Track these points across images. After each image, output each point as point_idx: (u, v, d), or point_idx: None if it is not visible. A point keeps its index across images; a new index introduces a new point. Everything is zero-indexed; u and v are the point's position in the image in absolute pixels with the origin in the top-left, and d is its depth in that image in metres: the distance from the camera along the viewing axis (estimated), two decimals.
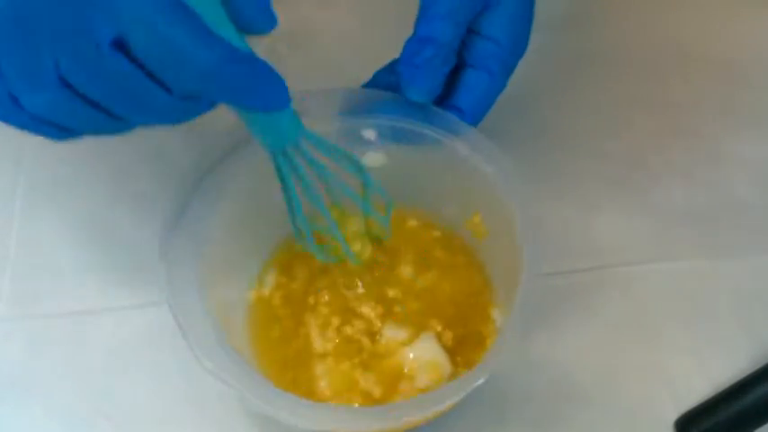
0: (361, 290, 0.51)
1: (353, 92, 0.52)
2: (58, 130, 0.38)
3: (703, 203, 0.58)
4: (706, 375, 0.51)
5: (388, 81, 0.52)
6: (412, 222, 0.54)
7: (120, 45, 0.33)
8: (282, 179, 0.45)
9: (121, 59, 0.33)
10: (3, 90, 0.35)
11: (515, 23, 0.51)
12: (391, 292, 0.51)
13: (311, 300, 0.51)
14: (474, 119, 0.51)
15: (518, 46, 0.52)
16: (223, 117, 0.43)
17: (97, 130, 0.38)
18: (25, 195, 0.60)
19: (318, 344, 0.50)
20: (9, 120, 0.37)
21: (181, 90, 0.34)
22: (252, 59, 0.36)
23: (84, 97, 0.35)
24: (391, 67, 0.53)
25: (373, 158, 0.52)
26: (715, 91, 0.63)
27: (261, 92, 0.36)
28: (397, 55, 0.51)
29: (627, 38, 0.65)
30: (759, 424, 0.48)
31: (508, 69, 0.52)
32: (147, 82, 0.34)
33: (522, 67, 0.52)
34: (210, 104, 0.37)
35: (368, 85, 0.53)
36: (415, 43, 0.50)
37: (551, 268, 0.54)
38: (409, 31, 0.51)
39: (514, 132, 0.59)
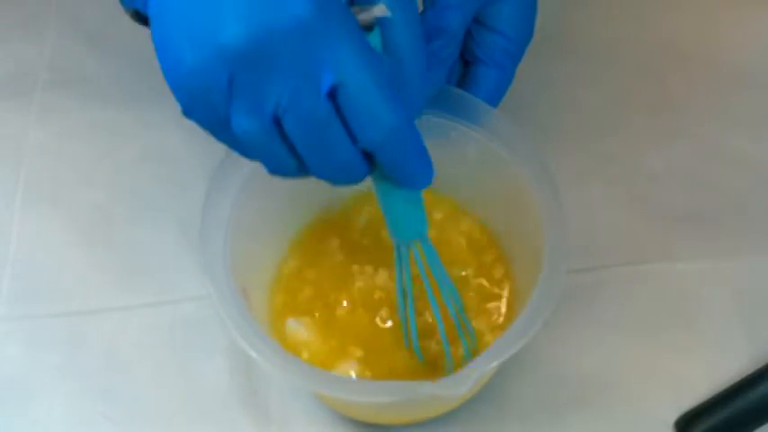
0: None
1: None
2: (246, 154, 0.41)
3: (703, 203, 0.58)
4: (706, 375, 0.51)
5: None
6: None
7: (332, 94, 0.37)
8: (399, 270, 0.47)
9: (330, 106, 0.37)
10: (222, 101, 0.38)
11: (522, 14, 0.51)
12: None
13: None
14: None
15: (525, 37, 0.52)
16: None
17: (275, 169, 0.41)
18: (25, 195, 0.60)
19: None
20: (215, 131, 0.40)
21: (365, 141, 0.39)
22: (419, 135, 0.41)
23: (286, 138, 0.39)
24: None
25: None
26: (715, 91, 0.63)
27: (417, 165, 0.41)
28: None
29: (627, 37, 0.65)
30: (759, 424, 0.48)
31: (516, 61, 0.52)
32: (340, 128, 0.38)
33: (521, 67, 0.52)
34: (365, 173, 0.41)
35: None
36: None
37: None
38: None
39: None
